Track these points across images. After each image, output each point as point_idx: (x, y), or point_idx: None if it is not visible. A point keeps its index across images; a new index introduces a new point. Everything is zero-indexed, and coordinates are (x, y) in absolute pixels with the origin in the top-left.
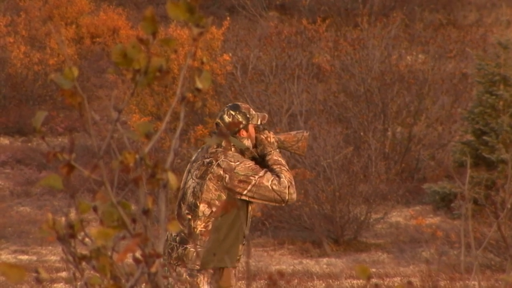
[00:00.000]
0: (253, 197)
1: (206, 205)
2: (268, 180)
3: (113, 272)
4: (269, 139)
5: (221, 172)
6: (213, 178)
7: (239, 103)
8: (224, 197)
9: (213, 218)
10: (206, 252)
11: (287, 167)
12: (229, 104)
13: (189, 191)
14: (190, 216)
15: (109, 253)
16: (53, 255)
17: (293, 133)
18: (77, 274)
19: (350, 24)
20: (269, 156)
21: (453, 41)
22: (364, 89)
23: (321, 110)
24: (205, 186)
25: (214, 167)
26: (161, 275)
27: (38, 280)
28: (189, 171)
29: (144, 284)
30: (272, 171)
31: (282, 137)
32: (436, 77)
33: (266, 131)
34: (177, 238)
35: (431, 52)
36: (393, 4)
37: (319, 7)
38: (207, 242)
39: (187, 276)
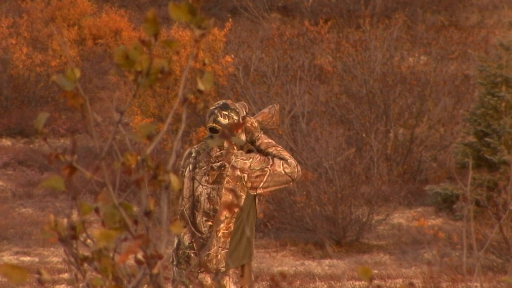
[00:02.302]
0: (267, 187)
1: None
2: (279, 165)
3: (115, 274)
4: (253, 125)
5: (239, 173)
6: (231, 181)
7: (224, 101)
8: (244, 196)
9: (234, 219)
10: (230, 253)
11: (280, 146)
12: (217, 105)
13: (203, 198)
14: (211, 223)
15: (111, 255)
16: (55, 256)
17: (266, 110)
18: (79, 276)
19: (352, 25)
20: (260, 141)
21: (455, 43)
22: (366, 90)
23: (323, 112)
24: (223, 190)
25: (229, 170)
26: (162, 276)
27: (40, 282)
28: (193, 179)
29: (146, 285)
30: (270, 154)
31: (259, 118)
32: (438, 78)
33: (247, 118)
34: (194, 245)
35: (433, 53)
36: (395, 6)
37: (321, 9)
38: (229, 244)
39: (212, 281)
